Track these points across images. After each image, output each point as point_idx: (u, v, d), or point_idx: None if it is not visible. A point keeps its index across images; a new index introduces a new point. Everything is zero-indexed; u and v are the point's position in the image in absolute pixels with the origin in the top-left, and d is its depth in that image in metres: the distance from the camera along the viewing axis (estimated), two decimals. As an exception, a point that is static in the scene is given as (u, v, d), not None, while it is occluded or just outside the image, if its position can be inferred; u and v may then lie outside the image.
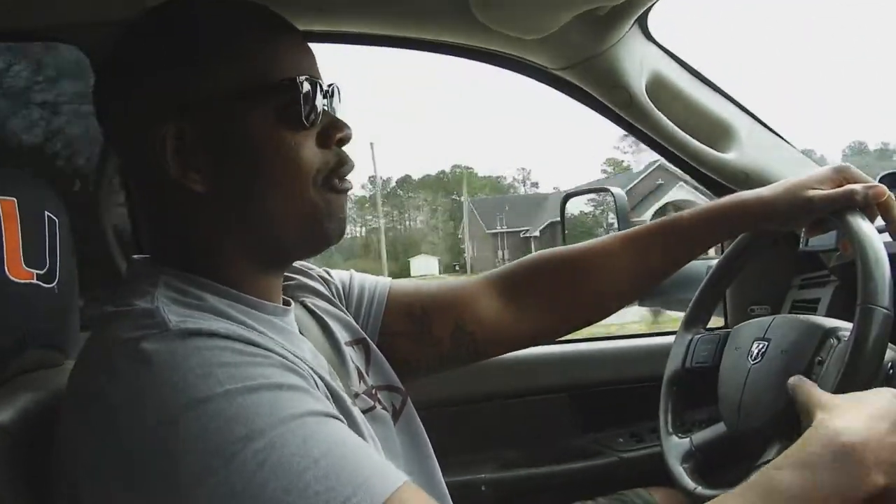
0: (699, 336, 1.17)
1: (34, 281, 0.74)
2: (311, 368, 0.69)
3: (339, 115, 0.78)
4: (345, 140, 0.76)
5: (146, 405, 0.58)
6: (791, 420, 0.92)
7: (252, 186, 0.71)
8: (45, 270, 0.75)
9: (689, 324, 1.19)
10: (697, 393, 1.16)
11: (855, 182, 0.94)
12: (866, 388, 0.81)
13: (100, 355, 0.64)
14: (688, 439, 1.11)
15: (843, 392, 0.80)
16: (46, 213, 0.77)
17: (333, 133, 0.75)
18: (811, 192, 0.93)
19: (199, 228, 0.72)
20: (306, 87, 0.72)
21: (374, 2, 1.23)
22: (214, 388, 0.57)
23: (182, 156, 0.69)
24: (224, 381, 0.57)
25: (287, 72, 0.72)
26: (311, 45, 0.78)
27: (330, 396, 0.70)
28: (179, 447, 0.56)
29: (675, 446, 1.11)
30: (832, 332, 0.93)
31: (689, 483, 1.04)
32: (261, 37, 0.72)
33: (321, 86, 0.74)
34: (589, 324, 1.07)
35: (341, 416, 0.64)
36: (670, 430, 1.14)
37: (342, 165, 0.75)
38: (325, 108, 0.75)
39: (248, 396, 0.57)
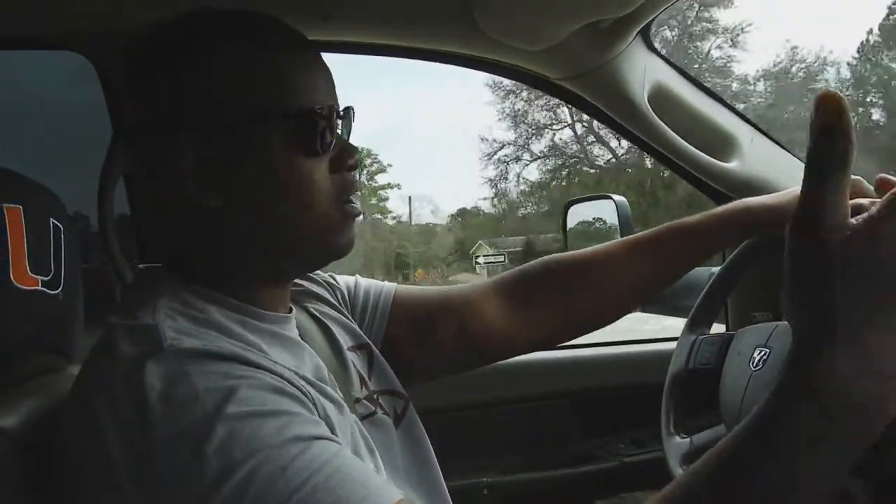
0: (703, 337, 1.17)
1: (39, 287, 0.74)
2: (309, 380, 0.70)
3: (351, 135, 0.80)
4: (355, 166, 0.77)
5: (135, 439, 0.58)
6: None
7: (267, 206, 0.72)
8: (49, 277, 0.76)
9: (693, 325, 1.20)
10: (699, 394, 1.16)
11: (863, 196, 0.93)
12: None
13: (99, 374, 0.65)
14: (689, 440, 1.11)
15: None
16: (52, 220, 0.77)
17: (345, 159, 0.76)
18: None
19: (210, 242, 0.73)
20: (324, 115, 0.73)
21: (378, 12, 1.24)
22: (199, 417, 0.58)
23: (199, 172, 0.70)
24: (210, 408, 0.58)
25: (306, 99, 0.72)
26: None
27: (327, 408, 0.70)
28: (158, 483, 0.57)
29: (676, 447, 1.11)
30: None
31: None
32: (283, 59, 0.73)
33: (338, 112, 0.76)
34: (594, 329, 1.06)
35: (332, 436, 0.64)
36: (672, 430, 1.14)
37: (351, 187, 0.77)
38: (339, 132, 0.76)
39: (230, 425, 0.57)
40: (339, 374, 0.84)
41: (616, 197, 1.65)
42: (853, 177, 0.95)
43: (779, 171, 1.48)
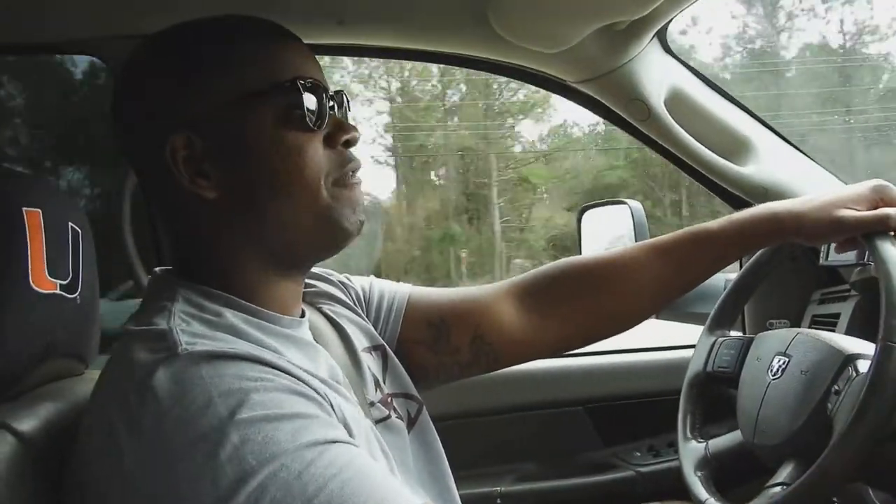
0: (723, 340, 1.15)
1: (57, 291, 0.75)
2: (325, 382, 0.70)
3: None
4: (352, 142, 0.76)
5: (150, 444, 0.58)
6: (806, 441, 0.91)
7: (262, 190, 0.72)
8: (67, 281, 0.76)
9: (713, 326, 1.18)
10: (717, 397, 1.15)
11: (892, 204, 0.92)
12: (881, 426, 0.80)
13: (115, 381, 0.65)
14: (704, 445, 1.10)
15: (858, 428, 0.79)
16: (70, 224, 0.78)
17: (340, 134, 0.75)
18: (844, 212, 0.92)
19: (214, 237, 0.73)
20: (309, 88, 0.73)
21: (393, 16, 1.24)
22: (212, 422, 0.57)
23: (191, 164, 0.71)
24: (223, 413, 0.58)
25: (289, 74, 0.72)
26: (332, 57, 0.79)
27: (344, 408, 0.70)
28: (173, 491, 0.57)
29: (692, 452, 1.10)
30: (851, 359, 0.90)
31: (702, 493, 1.03)
32: (261, 44, 0.73)
33: (325, 88, 0.75)
34: (611, 335, 1.04)
35: (349, 438, 0.63)
36: (688, 434, 1.12)
37: (349, 163, 0.76)
38: (332, 111, 0.76)
39: (244, 430, 0.57)
40: (354, 377, 0.83)
41: (631, 202, 1.64)
42: (881, 183, 0.95)
43: (796, 175, 1.46)
